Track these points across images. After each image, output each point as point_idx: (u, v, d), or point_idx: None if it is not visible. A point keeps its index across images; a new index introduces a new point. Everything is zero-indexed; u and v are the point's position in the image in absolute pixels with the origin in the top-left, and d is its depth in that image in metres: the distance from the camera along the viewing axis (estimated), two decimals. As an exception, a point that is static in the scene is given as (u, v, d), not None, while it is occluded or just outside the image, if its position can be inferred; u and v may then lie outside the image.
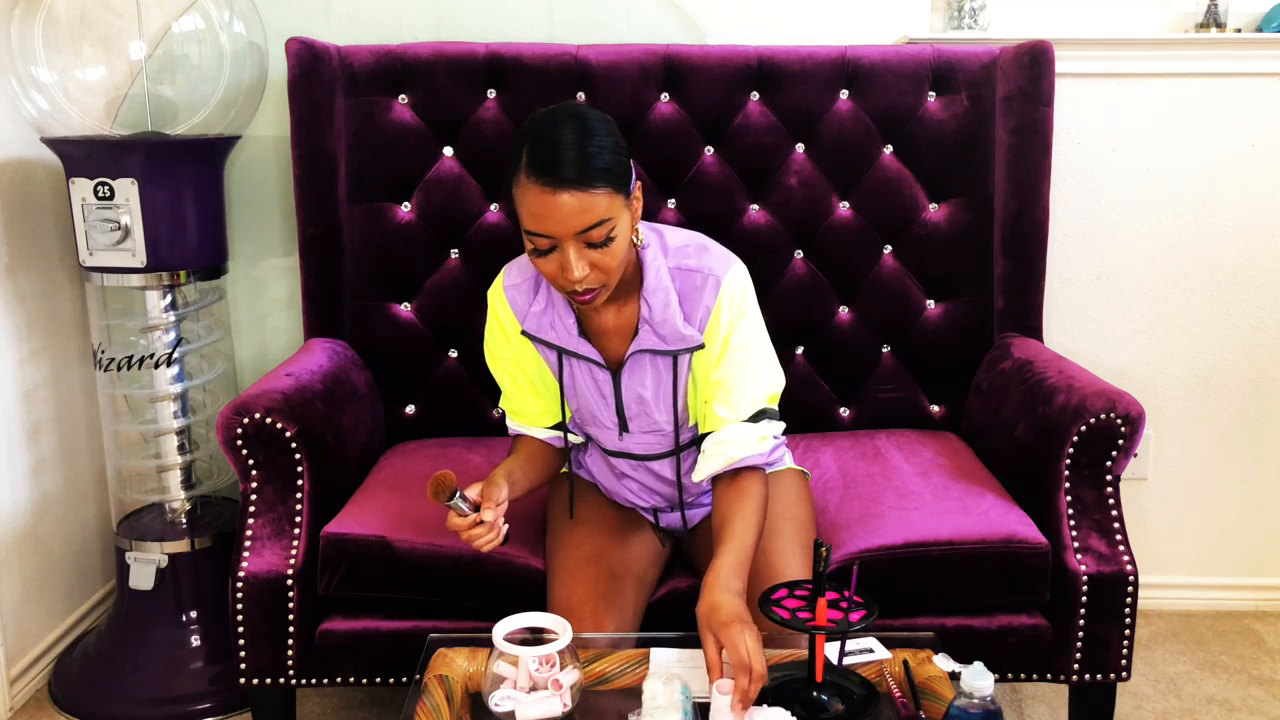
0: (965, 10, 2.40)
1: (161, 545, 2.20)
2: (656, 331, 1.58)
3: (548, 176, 1.39)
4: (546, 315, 1.62)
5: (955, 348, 2.26)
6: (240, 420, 1.77)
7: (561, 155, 1.39)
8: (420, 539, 1.76)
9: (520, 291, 1.65)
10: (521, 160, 1.41)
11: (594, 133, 1.42)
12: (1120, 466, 1.82)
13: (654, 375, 1.62)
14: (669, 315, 1.56)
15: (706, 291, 1.57)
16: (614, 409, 1.65)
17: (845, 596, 1.38)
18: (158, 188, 2.07)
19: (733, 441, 1.57)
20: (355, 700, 2.20)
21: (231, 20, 2.17)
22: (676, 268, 1.59)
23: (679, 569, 1.82)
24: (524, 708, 1.31)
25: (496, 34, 2.36)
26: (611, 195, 1.43)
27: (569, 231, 1.41)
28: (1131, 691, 2.22)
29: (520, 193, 1.43)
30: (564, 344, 1.62)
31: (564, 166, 1.39)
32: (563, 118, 1.43)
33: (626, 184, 1.46)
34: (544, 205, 1.40)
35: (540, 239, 1.44)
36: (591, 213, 1.41)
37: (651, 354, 1.60)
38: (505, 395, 1.74)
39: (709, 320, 1.57)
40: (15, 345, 2.18)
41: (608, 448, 1.73)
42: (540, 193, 1.40)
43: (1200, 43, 2.36)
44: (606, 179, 1.42)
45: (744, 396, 1.58)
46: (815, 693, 1.35)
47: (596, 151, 1.41)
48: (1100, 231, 2.45)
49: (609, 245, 1.44)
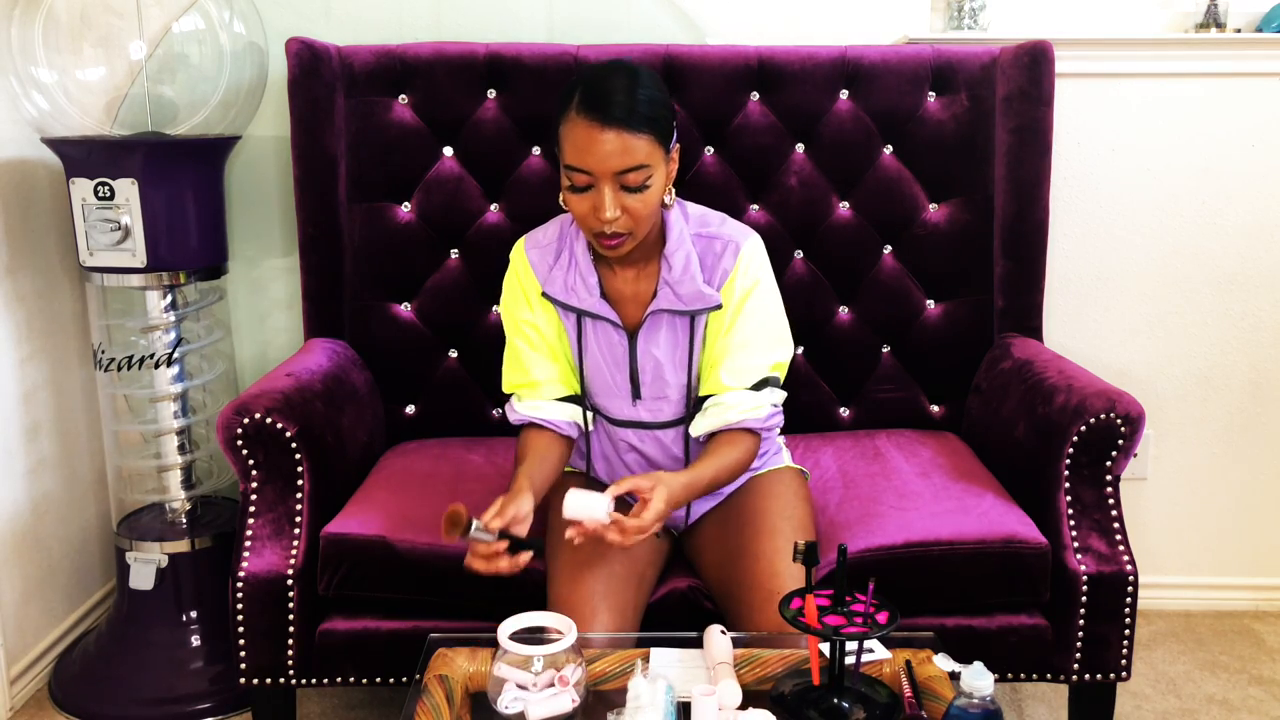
0: (965, 10, 2.40)
1: (161, 545, 2.20)
2: (675, 291, 1.63)
3: (597, 114, 1.48)
4: (569, 276, 1.67)
5: (955, 348, 2.26)
6: (240, 420, 1.77)
7: (612, 97, 1.48)
8: (420, 539, 1.76)
9: (542, 254, 1.70)
10: (574, 99, 1.50)
11: (644, 84, 1.52)
12: (1120, 466, 1.82)
13: (670, 337, 1.67)
14: (689, 275, 1.63)
15: (726, 256, 1.64)
16: (628, 374, 1.68)
17: (865, 600, 1.36)
18: (158, 188, 2.07)
19: (733, 406, 1.64)
20: (355, 700, 2.20)
21: (231, 20, 2.17)
22: (697, 234, 1.66)
23: (678, 569, 1.82)
24: (534, 707, 1.31)
25: (496, 34, 2.36)
26: (653, 144, 1.51)
27: (609, 170, 1.49)
28: (1131, 691, 2.22)
29: (567, 129, 1.51)
30: (584, 305, 1.66)
31: (613, 107, 1.48)
32: (616, 67, 1.54)
33: (668, 139, 1.55)
34: (590, 140, 1.48)
35: (580, 174, 1.51)
36: (632, 155, 1.49)
37: (670, 314, 1.66)
38: (515, 363, 1.73)
39: (725, 282, 1.64)
40: (15, 345, 2.18)
41: (617, 417, 1.74)
42: (588, 128, 1.48)
43: (1200, 43, 2.36)
44: (651, 127, 1.50)
45: (749, 364, 1.64)
46: (836, 699, 1.33)
47: (645, 99, 1.50)
48: (1100, 231, 2.45)
49: (643, 192, 1.52)
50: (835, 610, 1.35)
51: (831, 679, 1.34)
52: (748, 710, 1.29)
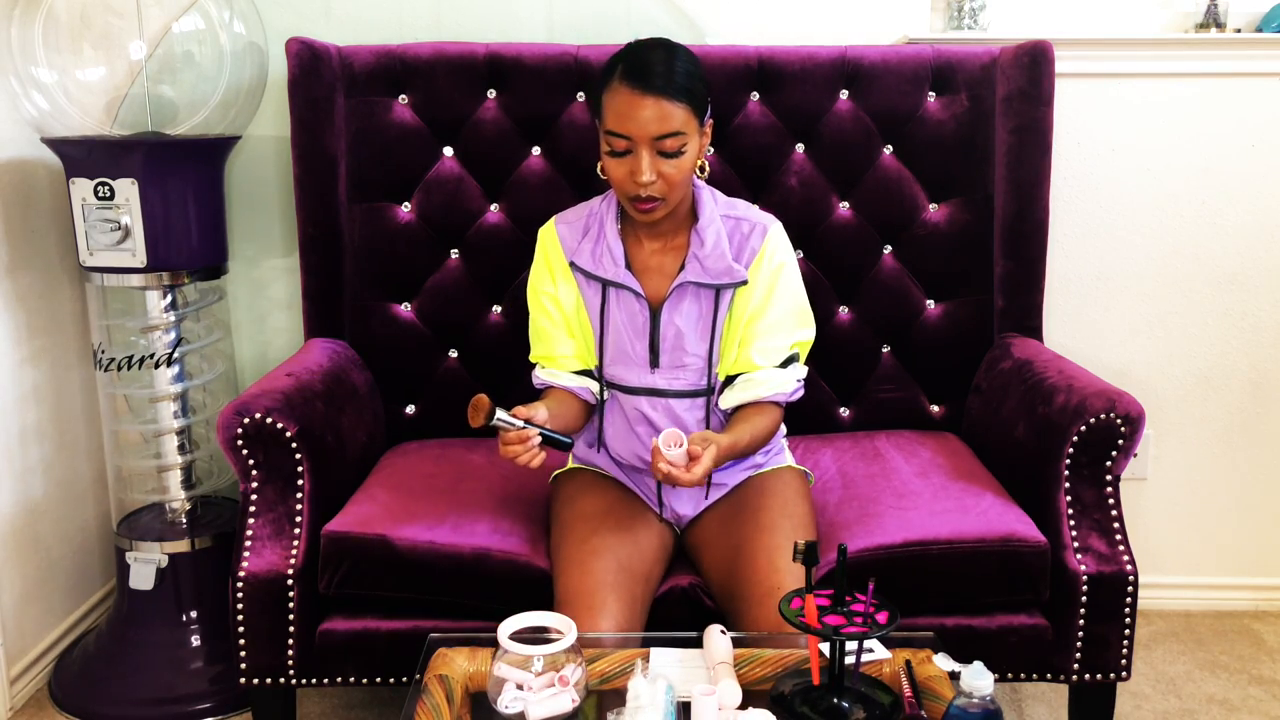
0: (965, 10, 2.40)
1: (161, 545, 2.20)
2: (704, 265, 1.72)
3: (638, 82, 1.59)
4: (597, 248, 1.75)
5: (955, 348, 2.26)
6: (240, 420, 1.77)
7: (653, 68, 1.60)
8: (420, 538, 1.76)
9: (571, 229, 1.79)
10: (617, 69, 1.62)
11: (682, 58, 1.63)
12: (1120, 466, 1.82)
13: (694, 308, 1.74)
14: (719, 250, 1.72)
15: (754, 237, 1.75)
16: (647, 343, 1.74)
17: (865, 600, 1.35)
18: (158, 188, 2.07)
19: (763, 382, 1.73)
20: (355, 700, 2.20)
21: (231, 20, 2.17)
22: (725, 215, 1.76)
23: (680, 566, 1.82)
24: (534, 707, 1.31)
25: (496, 34, 2.36)
26: (689, 114, 1.61)
27: (647, 135, 1.59)
28: (1131, 691, 2.22)
29: (610, 96, 1.62)
30: (610, 276, 1.74)
31: (654, 77, 1.59)
32: (657, 43, 1.66)
33: (703, 111, 1.66)
34: (631, 106, 1.59)
35: (619, 139, 1.61)
36: (670, 122, 1.59)
37: (695, 287, 1.73)
38: (539, 335, 1.82)
39: (754, 261, 1.74)
40: (15, 345, 2.18)
41: (632, 385, 1.77)
42: (630, 95, 1.59)
43: (1200, 43, 2.36)
44: (688, 97, 1.61)
45: (777, 345, 1.75)
46: (836, 699, 1.33)
47: (683, 72, 1.61)
48: (1100, 231, 2.45)
49: (678, 159, 1.62)
50: (835, 610, 1.35)
51: (831, 679, 1.34)
52: (748, 710, 1.29)
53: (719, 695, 1.30)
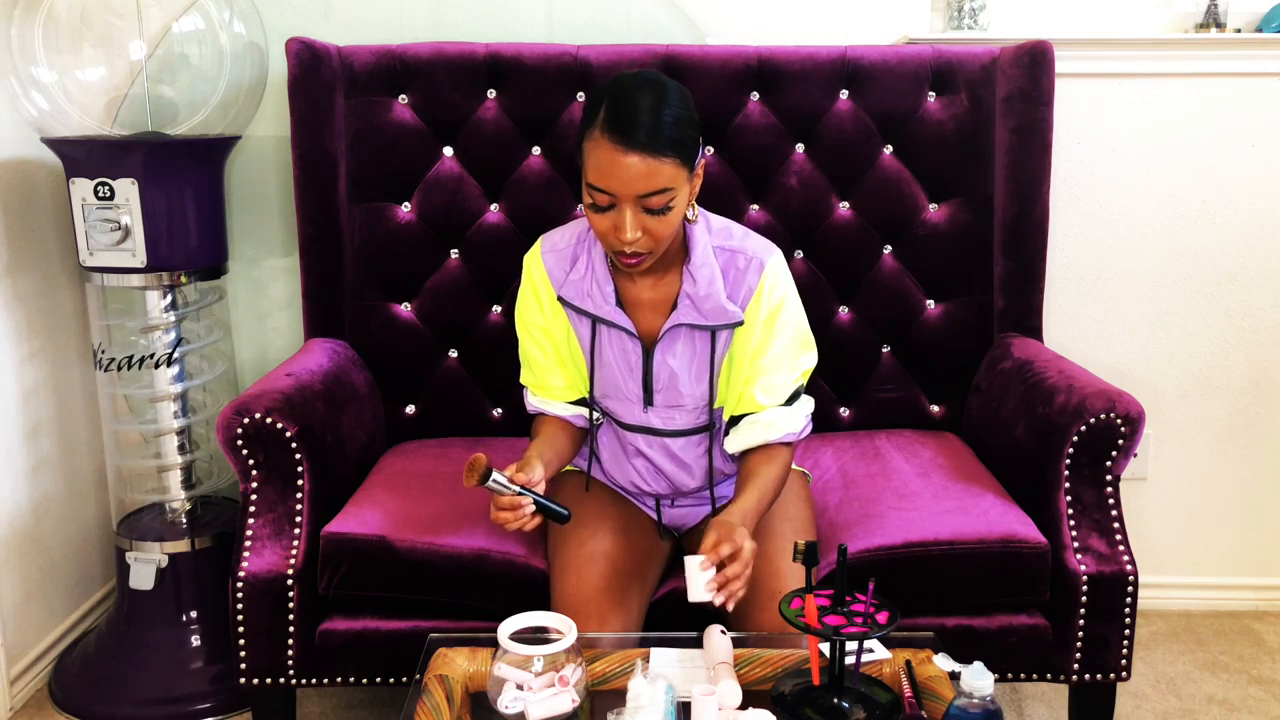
0: (965, 10, 2.40)
1: (161, 545, 2.20)
2: (698, 307, 1.63)
3: (621, 136, 1.45)
4: (585, 282, 1.66)
5: (955, 348, 2.26)
6: (240, 420, 1.77)
7: (638, 119, 1.45)
8: (420, 539, 1.76)
9: (558, 258, 1.69)
10: (599, 116, 1.47)
11: (671, 103, 1.48)
12: (1120, 466, 1.82)
13: (689, 349, 1.66)
14: (713, 291, 1.62)
15: (750, 273, 1.63)
16: (640, 381, 1.68)
17: (865, 600, 1.36)
18: (158, 188, 2.07)
19: (771, 424, 1.65)
20: (355, 700, 2.20)
21: (231, 20, 2.17)
22: (720, 247, 1.65)
23: (679, 569, 1.82)
24: (534, 707, 1.31)
25: (497, 34, 2.36)
26: (677, 167, 1.48)
27: (631, 193, 1.47)
28: (1131, 691, 2.22)
29: (591, 146, 1.48)
30: (599, 313, 1.65)
31: (638, 130, 1.45)
32: (644, 82, 1.50)
33: (693, 158, 1.52)
34: (612, 163, 1.46)
35: (601, 195, 1.49)
36: (655, 179, 1.47)
37: (689, 328, 1.65)
38: (529, 366, 1.76)
39: (751, 300, 1.63)
40: (15, 345, 2.18)
41: (627, 421, 1.73)
42: (611, 150, 1.45)
43: (1200, 43, 2.36)
44: (676, 150, 1.47)
45: (782, 382, 1.66)
46: (836, 699, 1.33)
47: (671, 121, 1.47)
48: (1100, 231, 2.45)
49: (665, 214, 1.50)
50: (835, 610, 1.35)
51: (831, 679, 1.34)
52: (748, 710, 1.29)
53: (719, 695, 1.30)
